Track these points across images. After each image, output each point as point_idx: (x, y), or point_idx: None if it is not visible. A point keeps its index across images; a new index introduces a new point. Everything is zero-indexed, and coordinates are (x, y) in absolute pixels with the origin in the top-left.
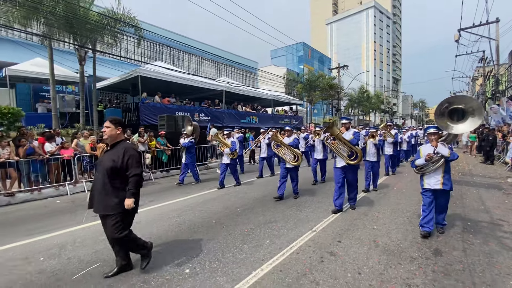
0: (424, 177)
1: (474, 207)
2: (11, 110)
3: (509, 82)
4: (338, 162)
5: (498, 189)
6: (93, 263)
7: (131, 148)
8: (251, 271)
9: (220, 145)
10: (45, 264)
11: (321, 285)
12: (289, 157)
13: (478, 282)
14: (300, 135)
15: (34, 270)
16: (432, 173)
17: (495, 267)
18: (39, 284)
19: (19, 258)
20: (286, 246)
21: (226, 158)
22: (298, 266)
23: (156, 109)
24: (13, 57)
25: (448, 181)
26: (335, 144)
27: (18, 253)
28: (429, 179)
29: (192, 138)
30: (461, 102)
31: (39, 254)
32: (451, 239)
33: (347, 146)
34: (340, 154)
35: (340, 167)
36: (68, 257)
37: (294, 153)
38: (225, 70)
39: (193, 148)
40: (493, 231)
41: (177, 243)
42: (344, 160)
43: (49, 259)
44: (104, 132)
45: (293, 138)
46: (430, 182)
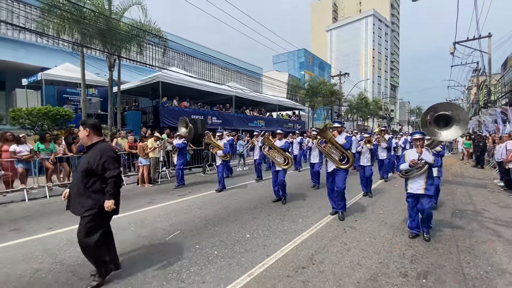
0: (408, 181)
1: (462, 201)
2: (61, 112)
3: (500, 93)
4: (329, 166)
5: (484, 188)
6: (174, 231)
7: (108, 149)
8: (290, 240)
9: (213, 147)
10: (136, 231)
11: (348, 244)
12: (279, 160)
13: (460, 246)
14: (295, 139)
15: (130, 235)
16: (416, 178)
17: (473, 238)
18: (149, 240)
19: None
20: (317, 222)
21: (219, 160)
22: (329, 234)
23: (174, 112)
24: (40, 62)
25: (431, 186)
26: (327, 148)
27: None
28: (412, 184)
29: (185, 139)
30: (448, 109)
31: (123, 227)
32: (442, 220)
33: (339, 150)
34: (332, 158)
35: (330, 172)
36: (153, 228)
37: (285, 156)
38: (232, 75)
39: (185, 149)
40: (475, 217)
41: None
42: (335, 164)
43: (138, 229)
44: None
45: (284, 141)
46: (413, 187)
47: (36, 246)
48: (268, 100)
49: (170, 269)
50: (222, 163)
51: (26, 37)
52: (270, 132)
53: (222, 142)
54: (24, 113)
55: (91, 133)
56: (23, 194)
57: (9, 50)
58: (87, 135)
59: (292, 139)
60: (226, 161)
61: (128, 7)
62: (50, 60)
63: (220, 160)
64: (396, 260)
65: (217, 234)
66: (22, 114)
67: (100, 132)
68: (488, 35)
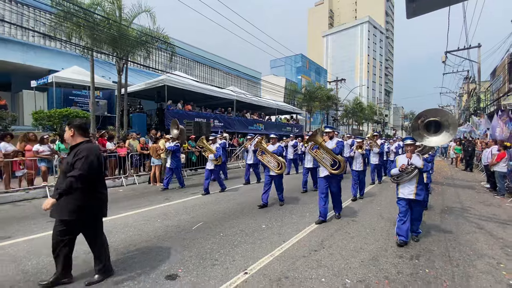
0: (399, 186)
1: (451, 199)
2: (80, 114)
3: (489, 101)
4: (321, 171)
5: (472, 189)
6: (197, 222)
7: (87, 150)
8: (301, 230)
9: (205, 151)
10: (163, 222)
11: (351, 234)
12: (273, 165)
13: (448, 235)
14: (289, 143)
15: (159, 226)
16: (407, 183)
17: (459, 229)
18: (177, 231)
19: (136, 221)
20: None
21: (210, 164)
22: (334, 226)
23: (179, 115)
24: (47, 64)
25: (422, 191)
26: (318, 153)
27: (123, 220)
28: (403, 189)
29: (178, 141)
30: (437, 115)
31: (150, 219)
32: (432, 215)
33: (330, 155)
34: (323, 163)
35: (323, 177)
36: (177, 219)
37: (278, 161)
38: (232, 79)
39: (178, 152)
40: (462, 213)
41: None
42: (327, 170)
43: (164, 220)
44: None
45: (277, 146)
46: (404, 192)
47: None
48: (267, 104)
49: (203, 251)
50: (215, 168)
51: (35, 40)
52: (263, 137)
53: (214, 146)
54: (46, 115)
55: (76, 133)
56: (45, 191)
57: (19, 52)
58: (71, 135)
59: (286, 143)
60: (219, 165)
61: (138, 14)
62: (57, 63)
63: (212, 164)
64: (393, 246)
65: (236, 225)
66: (44, 116)
67: (85, 132)
68: (477, 46)
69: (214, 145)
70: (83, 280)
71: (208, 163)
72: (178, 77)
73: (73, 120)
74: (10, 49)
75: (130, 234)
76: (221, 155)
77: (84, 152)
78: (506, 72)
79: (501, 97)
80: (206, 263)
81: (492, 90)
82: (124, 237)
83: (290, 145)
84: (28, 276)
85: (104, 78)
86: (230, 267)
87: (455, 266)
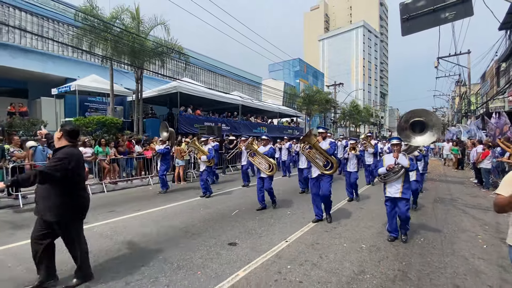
0: (386, 185)
1: (443, 192)
2: (114, 120)
3: (478, 104)
4: (313, 172)
5: (462, 184)
6: (234, 210)
7: (64, 153)
8: (299, 228)
9: (197, 152)
10: (205, 211)
11: (360, 217)
12: (264, 167)
13: (438, 217)
14: (284, 145)
15: (203, 213)
16: (394, 182)
17: (448, 213)
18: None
19: (182, 211)
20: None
21: (203, 165)
22: (346, 212)
23: (190, 119)
24: (64, 72)
25: (408, 190)
26: (311, 153)
27: (171, 210)
28: (390, 188)
29: (167, 144)
30: (421, 115)
31: (193, 208)
32: (426, 203)
33: (323, 155)
34: (316, 163)
35: (315, 177)
36: (216, 208)
37: (269, 162)
38: (234, 84)
39: (168, 155)
40: (451, 202)
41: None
42: (319, 170)
43: (205, 209)
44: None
45: (269, 147)
46: (391, 191)
47: (111, 226)
48: (270, 108)
49: (248, 229)
50: (206, 169)
51: (54, 50)
52: (254, 138)
53: (207, 148)
54: (85, 122)
55: (63, 137)
56: (87, 189)
57: (38, 62)
58: (58, 137)
59: (281, 145)
60: (210, 167)
61: (154, 26)
62: (74, 71)
63: (204, 166)
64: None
65: (265, 211)
66: (83, 122)
67: (72, 138)
68: (467, 52)
69: (206, 147)
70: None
71: (200, 165)
72: (190, 84)
73: (67, 124)
74: (31, 59)
75: (184, 219)
76: (213, 156)
77: (60, 154)
78: (494, 76)
79: (488, 101)
80: (254, 236)
81: (481, 93)
82: (184, 219)
83: (284, 147)
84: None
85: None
86: (273, 238)
87: (443, 237)
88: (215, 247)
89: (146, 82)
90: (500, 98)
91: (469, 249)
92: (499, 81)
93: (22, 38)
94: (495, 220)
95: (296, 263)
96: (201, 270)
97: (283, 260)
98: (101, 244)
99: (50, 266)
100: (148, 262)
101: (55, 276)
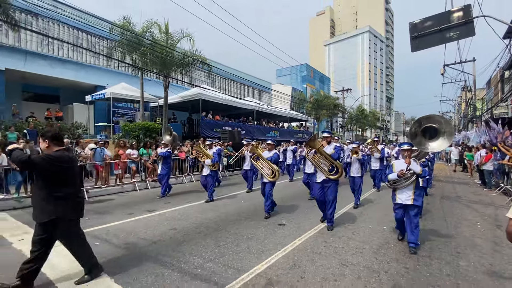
0: (396, 192)
1: (449, 191)
2: (155, 125)
3: (484, 109)
4: (318, 177)
5: (466, 185)
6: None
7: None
8: (313, 226)
9: (201, 156)
10: (244, 203)
11: (373, 212)
12: (266, 172)
13: (445, 209)
14: (288, 147)
15: (244, 204)
16: (404, 188)
17: (453, 207)
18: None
19: (225, 203)
20: (343, 208)
21: (207, 169)
22: (358, 211)
23: (211, 124)
24: (94, 80)
25: (419, 197)
26: (316, 158)
27: (216, 203)
28: (401, 194)
29: (170, 148)
30: (433, 122)
31: (235, 201)
32: (433, 200)
33: (328, 160)
34: (321, 168)
35: (320, 182)
36: (253, 202)
37: (272, 168)
38: (246, 89)
39: (169, 158)
40: (457, 199)
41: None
42: (324, 175)
43: (245, 202)
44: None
45: (273, 152)
46: (402, 197)
47: (161, 216)
48: (281, 113)
49: (285, 217)
50: (210, 174)
51: (87, 60)
52: (259, 142)
53: (211, 151)
54: (132, 127)
55: (51, 144)
56: (135, 185)
57: (73, 71)
58: (46, 146)
59: (287, 147)
60: (215, 171)
61: (181, 38)
62: (103, 79)
63: (208, 170)
64: None
65: (283, 209)
66: (132, 128)
67: (60, 141)
68: (472, 60)
69: (211, 151)
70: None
71: (204, 169)
72: (211, 91)
73: (46, 131)
74: (67, 68)
75: (231, 209)
76: (217, 161)
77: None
78: (498, 84)
79: (492, 107)
80: (295, 221)
81: (486, 99)
82: (231, 209)
83: (289, 149)
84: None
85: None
86: (312, 221)
87: (448, 223)
88: (271, 226)
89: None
90: (504, 105)
91: (470, 232)
92: (503, 88)
93: (60, 50)
94: (495, 213)
95: (336, 237)
96: (267, 239)
97: (325, 235)
98: (180, 224)
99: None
100: (224, 235)
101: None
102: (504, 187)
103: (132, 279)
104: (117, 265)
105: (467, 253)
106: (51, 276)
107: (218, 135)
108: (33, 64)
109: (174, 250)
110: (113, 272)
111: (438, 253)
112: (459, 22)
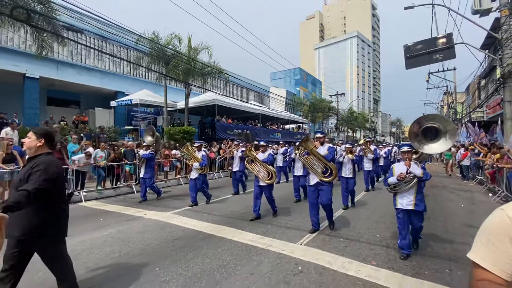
0: (397, 196)
1: (436, 183)
2: (193, 129)
3: (464, 112)
4: (311, 179)
5: (450, 178)
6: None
7: (47, 162)
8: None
9: (189, 159)
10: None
11: (372, 210)
12: (262, 174)
13: (436, 196)
14: (279, 150)
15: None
16: (405, 192)
17: (440, 193)
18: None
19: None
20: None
21: (195, 173)
22: (359, 210)
23: (224, 127)
24: (116, 87)
25: (421, 202)
26: (308, 159)
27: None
28: (401, 199)
29: (152, 149)
30: (434, 121)
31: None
32: (425, 191)
33: (321, 161)
34: (314, 170)
35: (313, 185)
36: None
37: (268, 170)
38: (248, 93)
39: (152, 160)
40: (443, 187)
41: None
42: (317, 177)
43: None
44: (24, 143)
45: (268, 154)
46: (403, 202)
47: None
48: (283, 116)
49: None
50: (199, 177)
51: (111, 68)
52: (252, 144)
53: (200, 154)
54: (174, 131)
55: (45, 144)
56: (179, 181)
57: (97, 78)
58: (39, 145)
59: (276, 150)
60: (203, 174)
61: (201, 50)
62: (123, 86)
63: (196, 173)
64: None
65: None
66: (173, 132)
67: (51, 144)
68: (453, 69)
69: (199, 153)
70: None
71: (192, 172)
72: (225, 97)
73: (41, 128)
74: (92, 75)
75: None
76: (206, 164)
77: (43, 165)
78: (476, 90)
79: (470, 112)
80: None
81: (466, 105)
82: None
83: (279, 152)
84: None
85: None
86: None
87: (438, 203)
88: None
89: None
90: (479, 111)
91: (453, 207)
92: (480, 95)
93: (86, 59)
94: (471, 196)
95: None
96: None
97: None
98: (232, 207)
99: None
100: (255, 223)
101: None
102: (479, 178)
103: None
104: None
105: (452, 219)
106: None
107: (231, 137)
108: (64, 72)
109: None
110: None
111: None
112: (443, 47)
